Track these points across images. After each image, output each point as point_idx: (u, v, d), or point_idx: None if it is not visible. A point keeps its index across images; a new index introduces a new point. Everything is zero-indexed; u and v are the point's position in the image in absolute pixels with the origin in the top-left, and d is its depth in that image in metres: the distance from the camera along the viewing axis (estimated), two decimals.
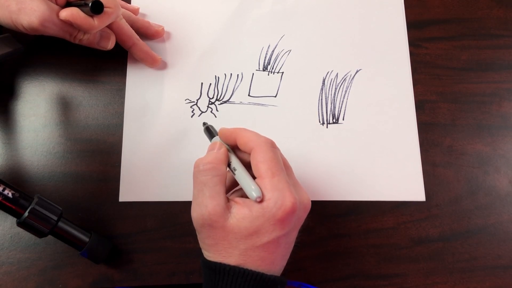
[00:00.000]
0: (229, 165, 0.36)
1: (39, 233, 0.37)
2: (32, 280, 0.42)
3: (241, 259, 0.33)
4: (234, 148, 0.37)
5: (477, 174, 0.47)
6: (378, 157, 0.47)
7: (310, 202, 0.35)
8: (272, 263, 0.34)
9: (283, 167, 0.35)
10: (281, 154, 0.36)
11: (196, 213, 0.34)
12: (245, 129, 0.36)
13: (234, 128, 0.36)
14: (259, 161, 0.34)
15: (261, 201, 0.33)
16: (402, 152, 0.47)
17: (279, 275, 0.35)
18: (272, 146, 0.35)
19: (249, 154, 0.35)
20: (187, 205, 0.44)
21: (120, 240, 0.43)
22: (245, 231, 0.32)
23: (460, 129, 0.48)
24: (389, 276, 0.44)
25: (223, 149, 0.36)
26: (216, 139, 0.38)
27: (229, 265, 0.32)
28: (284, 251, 0.35)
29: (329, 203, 0.45)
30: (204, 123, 0.41)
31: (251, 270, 0.32)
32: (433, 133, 0.48)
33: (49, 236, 0.38)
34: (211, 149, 0.36)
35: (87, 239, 0.40)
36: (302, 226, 0.36)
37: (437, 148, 0.48)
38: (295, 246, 0.36)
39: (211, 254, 0.34)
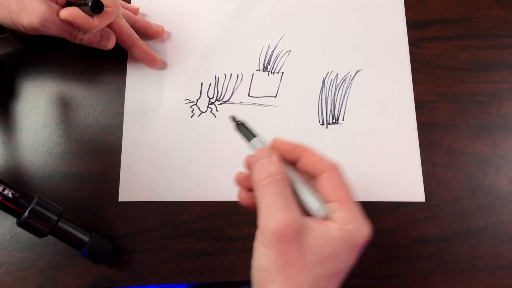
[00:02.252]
0: None
1: (39, 233, 0.37)
2: (32, 280, 0.42)
3: None
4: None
5: (477, 174, 0.47)
6: (378, 157, 0.47)
7: None
8: None
9: None
10: None
11: (272, 223, 0.29)
12: (310, 149, 0.33)
13: (296, 144, 0.33)
14: (336, 185, 0.32)
15: (327, 219, 0.31)
16: (402, 152, 0.47)
17: None
18: (342, 170, 0.33)
19: (310, 175, 0.33)
20: (187, 205, 0.44)
21: (120, 240, 0.43)
22: (322, 251, 0.30)
23: (460, 129, 0.48)
24: (389, 276, 0.44)
25: (277, 156, 0.32)
26: (257, 142, 0.34)
27: None
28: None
29: None
30: (234, 118, 0.36)
31: None
32: (433, 133, 0.48)
33: (49, 236, 0.38)
34: (263, 156, 0.32)
35: (87, 239, 0.40)
36: None
37: (437, 148, 0.48)
38: None
39: (280, 279, 0.29)
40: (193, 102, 0.47)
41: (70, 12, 0.40)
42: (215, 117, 0.47)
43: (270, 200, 0.30)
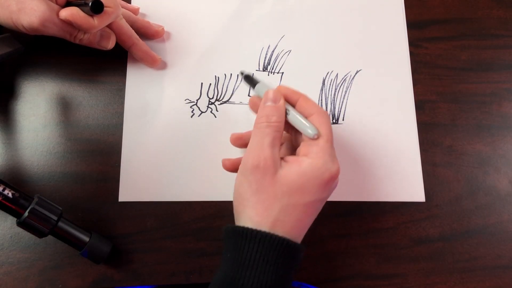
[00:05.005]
0: None
1: (39, 233, 0.37)
2: (32, 280, 0.42)
3: (281, 215, 0.34)
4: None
5: (477, 174, 0.47)
6: (378, 157, 0.47)
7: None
8: (304, 227, 0.36)
9: None
10: None
11: (252, 155, 0.35)
12: (306, 95, 0.38)
13: (296, 90, 0.38)
14: (320, 124, 0.36)
15: (317, 138, 0.35)
16: (402, 152, 0.47)
17: (300, 242, 0.36)
18: (329, 118, 0.38)
19: (305, 116, 0.37)
20: (187, 205, 0.44)
21: (120, 240, 0.43)
22: (292, 183, 0.34)
23: (460, 129, 0.48)
24: (389, 276, 0.44)
25: (283, 101, 0.37)
26: (263, 86, 0.40)
27: (257, 230, 0.33)
28: (314, 217, 0.36)
29: (329, 203, 0.45)
30: (242, 72, 0.42)
31: (279, 236, 0.33)
32: (433, 133, 0.48)
33: (49, 236, 0.38)
34: (269, 99, 0.37)
35: (87, 239, 0.40)
36: None
37: (437, 148, 0.48)
38: None
39: (252, 203, 0.34)
40: (193, 102, 0.47)
41: (70, 12, 0.40)
42: (215, 117, 0.47)
43: (259, 138, 0.35)
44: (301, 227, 0.35)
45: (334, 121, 0.47)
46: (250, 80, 0.42)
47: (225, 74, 0.48)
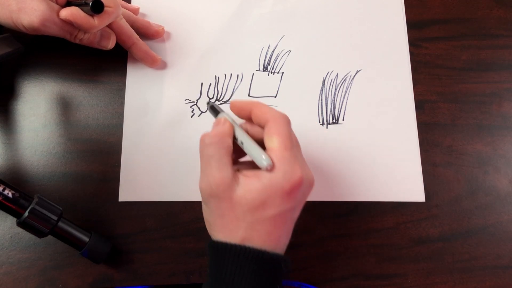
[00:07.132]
0: (235, 139, 0.36)
1: (39, 233, 0.37)
2: (32, 280, 0.42)
3: (248, 233, 0.33)
4: (245, 121, 0.38)
5: (477, 174, 0.47)
6: (378, 157, 0.47)
7: (314, 179, 0.35)
8: (278, 239, 0.34)
9: (295, 143, 0.35)
10: (292, 131, 0.36)
11: (204, 184, 0.34)
12: (260, 102, 0.36)
13: (248, 100, 0.37)
14: (274, 133, 0.34)
15: (271, 169, 0.33)
16: (402, 152, 0.47)
17: (282, 253, 0.35)
18: (287, 121, 0.35)
19: (261, 127, 0.35)
20: (187, 205, 0.44)
21: (120, 240, 0.43)
22: (252, 202, 0.32)
23: (460, 129, 0.48)
24: (389, 276, 0.44)
25: (228, 123, 0.36)
26: (222, 115, 0.39)
27: (231, 244, 0.32)
28: (289, 227, 0.35)
29: (329, 203, 0.45)
30: (208, 102, 0.41)
31: (254, 248, 0.32)
32: (433, 133, 0.48)
33: (49, 236, 0.38)
34: (216, 124, 0.36)
35: (87, 239, 0.40)
36: (302, 226, 0.37)
37: (437, 148, 0.48)
38: (295, 246, 0.36)
39: (218, 228, 0.34)
40: (193, 102, 0.47)
41: (70, 12, 0.40)
42: (215, 117, 0.47)
43: (205, 161, 0.34)
44: (273, 239, 0.33)
45: (334, 121, 0.47)
46: (214, 111, 0.41)
47: (225, 74, 0.48)
